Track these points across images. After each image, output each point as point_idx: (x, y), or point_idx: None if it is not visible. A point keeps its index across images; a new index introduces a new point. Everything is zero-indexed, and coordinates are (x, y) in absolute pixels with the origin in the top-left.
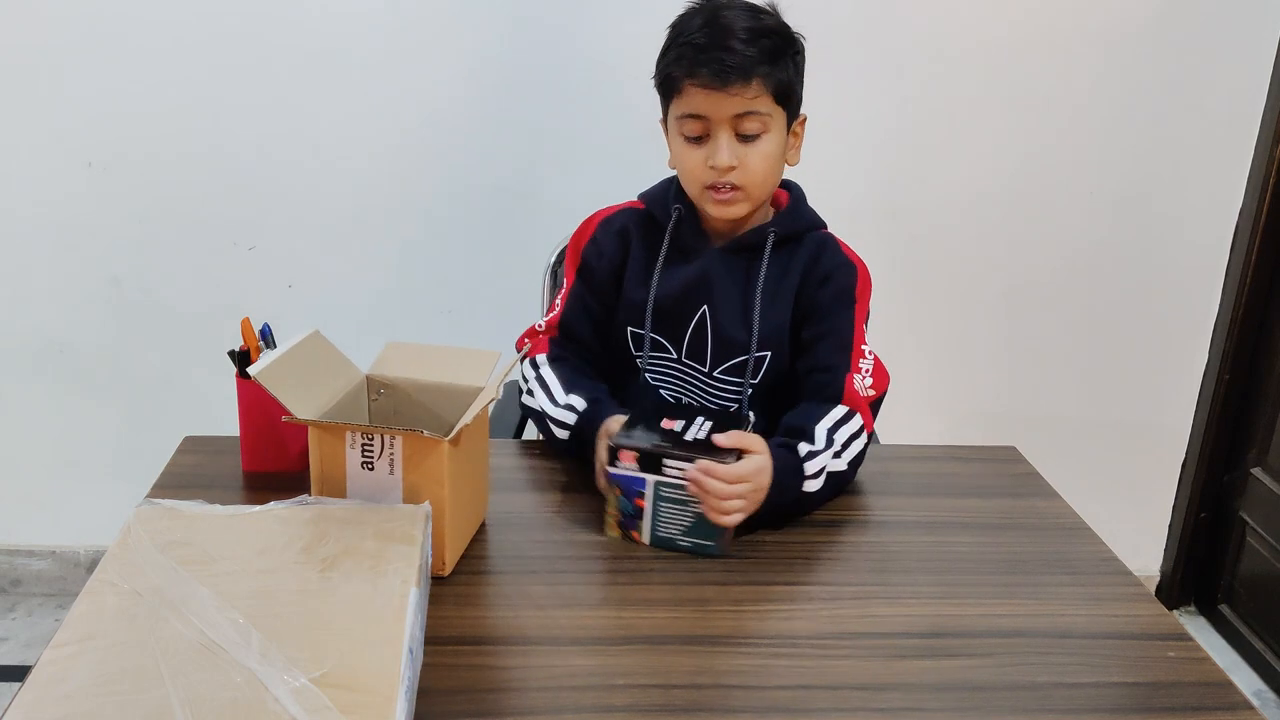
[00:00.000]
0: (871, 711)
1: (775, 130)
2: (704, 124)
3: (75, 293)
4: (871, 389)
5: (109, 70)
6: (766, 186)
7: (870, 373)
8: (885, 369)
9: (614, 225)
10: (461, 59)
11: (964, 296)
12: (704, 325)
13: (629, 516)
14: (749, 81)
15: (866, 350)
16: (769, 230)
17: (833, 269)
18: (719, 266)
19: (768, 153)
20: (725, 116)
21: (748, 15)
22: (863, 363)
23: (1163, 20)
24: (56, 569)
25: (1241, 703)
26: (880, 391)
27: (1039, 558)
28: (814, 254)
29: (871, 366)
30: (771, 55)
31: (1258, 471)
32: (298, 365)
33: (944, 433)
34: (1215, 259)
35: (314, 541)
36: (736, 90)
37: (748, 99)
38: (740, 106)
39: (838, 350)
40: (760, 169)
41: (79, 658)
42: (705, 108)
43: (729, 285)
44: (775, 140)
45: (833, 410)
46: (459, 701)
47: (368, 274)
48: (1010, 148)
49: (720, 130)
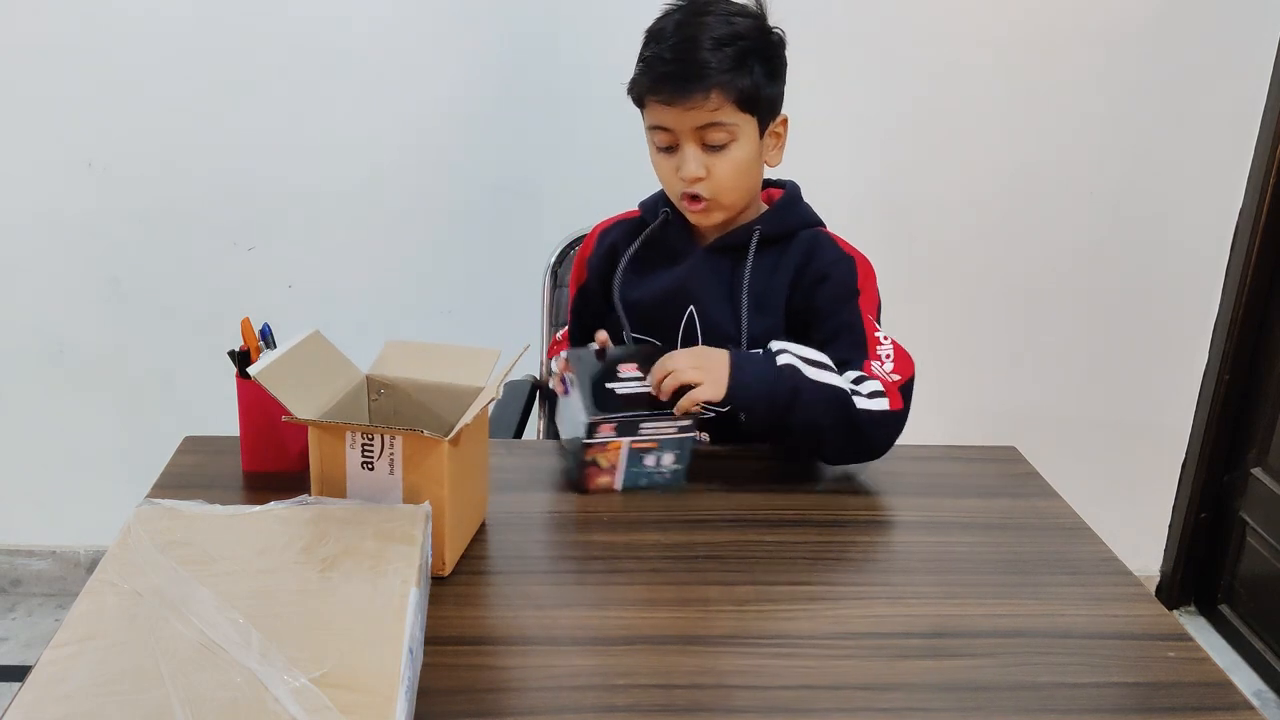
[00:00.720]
0: (874, 711)
1: (745, 138)
2: (671, 135)
3: (75, 293)
4: (895, 373)
5: (109, 70)
6: (739, 193)
7: (891, 358)
8: (907, 353)
9: (607, 238)
10: (462, 60)
11: (964, 296)
12: (693, 326)
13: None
14: (708, 94)
15: (882, 337)
16: (754, 229)
17: (828, 267)
18: (703, 267)
19: (737, 159)
20: (688, 128)
21: (717, 21)
22: (880, 349)
23: (1163, 20)
24: (56, 569)
25: (1241, 703)
26: (906, 376)
27: (1039, 558)
28: (805, 253)
29: (891, 352)
30: (735, 62)
31: (1258, 471)
32: (298, 365)
33: (944, 432)
34: (1215, 259)
35: (314, 541)
36: (695, 104)
37: (708, 111)
38: (701, 119)
39: (851, 346)
40: (729, 177)
41: (79, 658)
42: (668, 120)
43: (714, 285)
44: (745, 147)
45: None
46: (459, 701)
47: (368, 274)
48: (1010, 148)
49: (686, 141)
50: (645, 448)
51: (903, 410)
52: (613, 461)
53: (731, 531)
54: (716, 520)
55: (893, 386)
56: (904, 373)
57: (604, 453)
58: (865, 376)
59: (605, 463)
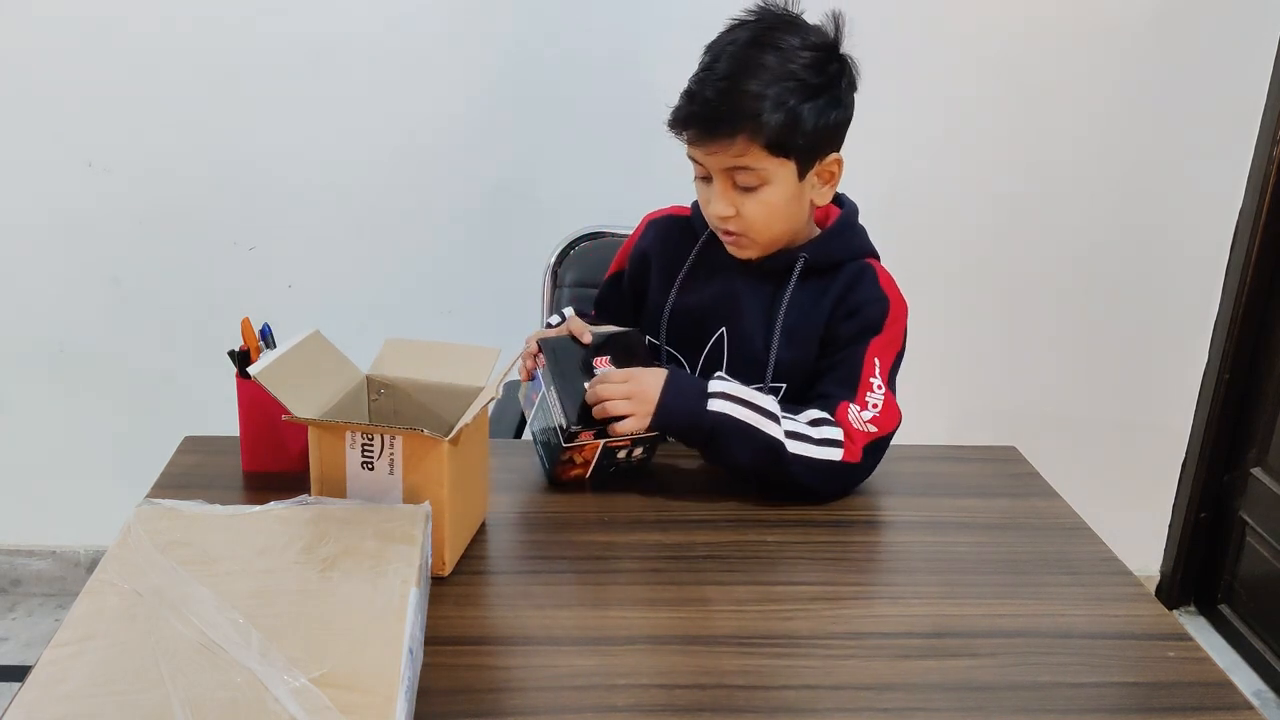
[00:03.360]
0: (875, 711)
1: (779, 181)
2: (704, 168)
3: (75, 293)
4: (871, 424)
5: (109, 70)
6: (772, 231)
7: (877, 408)
8: (897, 410)
9: (658, 227)
10: (462, 60)
11: (964, 296)
12: (721, 346)
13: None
14: (733, 138)
15: (876, 385)
16: (800, 255)
17: (862, 303)
18: (743, 287)
19: (769, 202)
20: (716, 168)
21: (776, 58)
22: (869, 396)
23: (1163, 20)
24: (56, 569)
25: (1241, 703)
26: (883, 431)
27: (1039, 558)
28: (848, 286)
29: (880, 403)
30: (775, 105)
31: (1258, 471)
32: (298, 365)
33: (945, 432)
34: (1215, 259)
35: (314, 541)
36: (720, 147)
37: (732, 155)
38: (728, 162)
39: (840, 383)
40: (759, 218)
41: (79, 658)
42: (698, 156)
43: (752, 308)
44: (778, 190)
45: (809, 410)
46: (459, 701)
47: (368, 274)
48: (1011, 148)
49: (717, 178)
50: (619, 445)
51: (858, 465)
52: (587, 458)
53: (731, 531)
54: (716, 520)
55: (859, 438)
56: (881, 428)
57: (579, 452)
58: (828, 421)
59: (580, 459)
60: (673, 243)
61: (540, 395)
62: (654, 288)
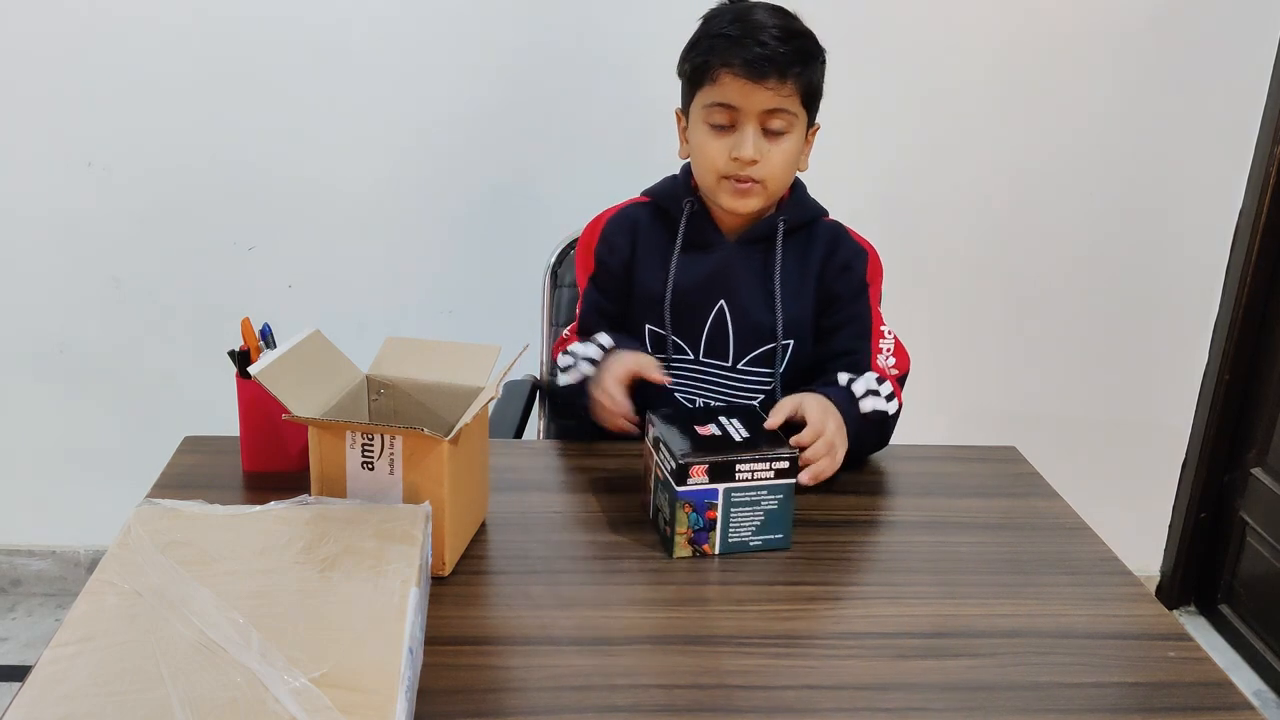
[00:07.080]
0: (875, 711)
1: (796, 132)
2: (732, 114)
3: (75, 293)
4: (895, 368)
5: (109, 70)
6: (782, 183)
7: (892, 352)
8: (905, 348)
9: (622, 220)
10: (462, 60)
11: (964, 296)
12: (723, 319)
13: (700, 531)
14: (784, 79)
15: (885, 330)
16: (779, 219)
17: (850, 257)
18: (736, 259)
19: (788, 150)
20: (755, 110)
21: (779, 15)
22: (883, 343)
23: (1163, 21)
24: (56, 569)
25: (1241, 703)
26: (903, 370)
27: (1039, 558)
28: (830, 243)
29: (892, 346)
30: (803, 57)
31: (1258, 471)
32: (298, 365)
33: (944, 432)
34: (1215, 259)
35: (314, 541)
36: (771, 85)
37: (781, 95)
38: (771, 102)
39: (859, 336)
40: (780, 165)
41: (79, 658)
42: (737, 98)
43: (748, 276)
44: (795, 141)
45: (864, 375)
46: (459, 701)
47: (368, 274)
48: (1011, 148)
49: (748, 123)
50: (746, 500)
51: (901, 406)
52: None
53: None
54: None
55: (893, 381)
56: (902, 367)
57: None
58: (880, 376)
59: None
60: (647, 229)
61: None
62: (644, 277)
